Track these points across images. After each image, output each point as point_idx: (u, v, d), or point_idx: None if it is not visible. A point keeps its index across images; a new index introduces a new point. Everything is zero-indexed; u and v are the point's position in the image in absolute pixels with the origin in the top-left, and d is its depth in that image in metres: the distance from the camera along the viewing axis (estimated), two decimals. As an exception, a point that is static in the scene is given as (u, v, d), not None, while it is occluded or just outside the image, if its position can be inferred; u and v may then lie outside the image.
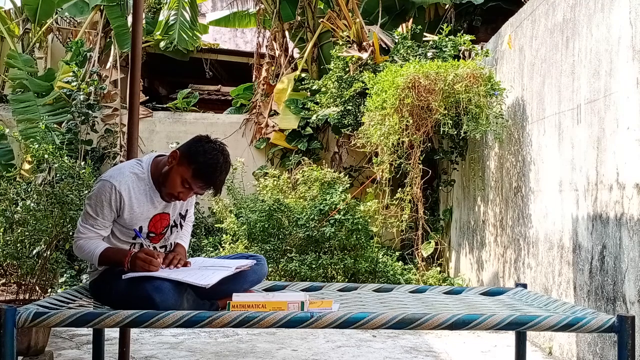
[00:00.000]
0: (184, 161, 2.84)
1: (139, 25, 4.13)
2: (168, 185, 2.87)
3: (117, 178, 2.87)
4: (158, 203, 2.95)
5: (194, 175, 2.82)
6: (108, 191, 2.84)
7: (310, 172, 7.25)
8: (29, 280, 4.79)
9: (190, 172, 2.82)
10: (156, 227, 2.98)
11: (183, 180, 2.84)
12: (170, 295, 2.67)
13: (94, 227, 2.88)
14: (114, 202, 2.85)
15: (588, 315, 2.55)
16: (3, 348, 2.30)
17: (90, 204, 2.88)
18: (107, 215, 2.86)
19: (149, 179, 2.92)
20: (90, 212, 2.87)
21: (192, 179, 2.83)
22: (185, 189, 2.86)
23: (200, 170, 2.82)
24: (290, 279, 6.45)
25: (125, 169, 2.94)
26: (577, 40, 4.56)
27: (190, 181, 2.84)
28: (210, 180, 2.85)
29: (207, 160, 2.81)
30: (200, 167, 2.81)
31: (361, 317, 2.41)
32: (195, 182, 2.84)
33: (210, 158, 2.82)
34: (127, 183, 2.87)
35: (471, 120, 6.08)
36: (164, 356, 4.75)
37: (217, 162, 2.83)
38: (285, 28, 10.38)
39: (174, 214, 3.04)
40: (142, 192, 2.90)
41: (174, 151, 2.89)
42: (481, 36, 8.35)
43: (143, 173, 2.93)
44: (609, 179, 3.98)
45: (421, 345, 5.17)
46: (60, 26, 11.21)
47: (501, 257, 6.10)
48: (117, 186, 2.84)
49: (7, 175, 6.78)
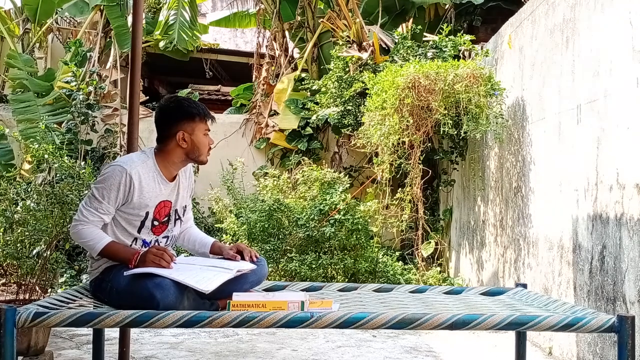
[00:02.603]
0: (191, 125, 3.03)
1: (139, 25, 4.13)
2: (202, 149, 3.07)
3: (128, 163, 2.97)
4: (164, 189, 3.05)
5: (204, 120, 3.07)
6: (119, 175, 2.91)
7: (310, 172, 7.25)
8: (29, 280, 4.79)
9: (201, 122, 3.06)
10: (160, 214, 3.06)
11: (205, 134, 3.07)
12: (171, 293, 2.68)
13: (97, 210, 2.91)
14: (123, 185, 2.91)
15: (588, 315, 2.55)
16: (3, 348, 2.30)
17: (97, 187, 2.93)
18: (113, 200, 2.91)
19: (155, 165, 3.03)
20: (97, 195, 2.91)
21: (205, 124, 3.08)
22: (207, 136, 3.09)
23: (203, 113, 3.07)
24: (290, 279, 6.45)
25: (133, 157, 3.09)
26: (577, 40, 4.56)
27: (207, 127, 3.09)
28: (205, 110, 3.11)
29: (194, 105, 3.09)
30: (201, 112, 3.07)
31: (361, 317, 2.41)
32: (205, 122, 3.08)
33: (193, 102, 3.11)
34: (137, 168, 2.97)
35: (471, 120, 6.08)
36: (164, 356, 4.75)
37: (188, 98, 3.16)
38: (285, 28, 10.39)
39: (176, 203, 3.12)
40: (151, 177, 3.00)
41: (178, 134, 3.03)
42: (481, 36, 8.35)
43: (149, 159, 3.04)
44: (609, 179, 3.98)
45: (421, 345, 5.17)
46: (60, 26, 11.22)
47: (501, 257, 6.10)
48: (128, 170, 2.93)
49: (7, 175, 6.77)
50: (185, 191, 3.17)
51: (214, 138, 3.23)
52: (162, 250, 2.87)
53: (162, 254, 2.83)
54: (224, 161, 8.73)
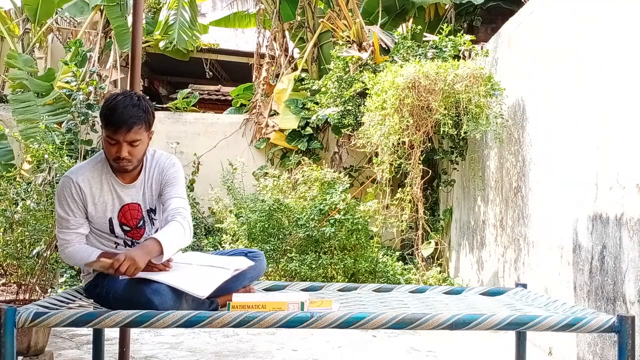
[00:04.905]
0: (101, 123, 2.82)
1: (139, 25, 4.12)
2: (107, 155, 2.84)
3: (75, 172, 2.88)
4: (123, 192, 2.91)
5: (104, 126, 2.78)
6: (67, 186, 2.84)
7: (310, 172, 7.25)
8: (29, 280, 4.79)
9: (104, 127, 2.78)
10: (127, 219, 2.93)
11: (107, 140, 2.79)
12: (169, 298, 2.66)
13: (69, 228, 2.85)
14: (75, 195, 2.83)
15: (588, 315, 2.55)
16: (3, 348, 2.30)
17: (58, 205, 2.87)
18: (76, 212, 2.84)
19: (106, 167, 2.89)
20: (61, 213, 2.85)
21: (107, 130, 2.77)
22: (113, 145, 2.79)
23: (104, 118, 2.77)
24: (290, 279, 6.45)
25: (83, 163, 2.96)
26: (577, 39, 4.56)
27: (108, 134, 2.77)
28: (113, 120, 2.73)
29: (105, 108, 2.78)
30: (103, 116, 2.78)
31: (361, 317, 2.40)
32: (109, 131, 2.75)
33: (107, 105, 2.78)
34: (85, 174, 2.87)
35: (471, 120, 6.08)
36: (164, 356, 4.75)
37: (115, 100, 2.78)
38: (285, 28, 10.39)
39: (145, 204, 2.97)
40: (103, 180, 2.89)
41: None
42: (481, 36, 8.35)
43: (99, 162, 2.91)
44: (609, 179, 3.98)
45: (421, 345, 5.17)
46: (60, 26, 11.22)
47: (501, 257, 6.10)
48: (74, 179, 2.84)
49: (7, 175, 6.78)
50: (154, 191, 2.98)
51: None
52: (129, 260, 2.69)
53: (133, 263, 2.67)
54: (224, 161, 8.73)
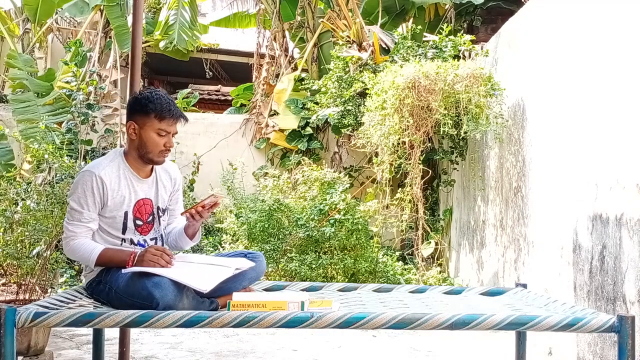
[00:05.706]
0: (143, 120, 2.96)
1: (139, 25, 4.13)
2: (150, 147, 2.98)
3: (96, 167, 2.95)
4: (139, 187, 3.02)
5: (159, 118, 2.95)
6: (89, 180, 2.90)
7: (310, 172, 7.25)
8: (29, 280, 4.79)
9: (157, 119, 2.95)
10: (141, 213, 3.02)
11: (157, 132, 2.96)
12: (170, 291, 2.67)
13: (81, 221, 2.89)
14: (96, 189, 2.89)
15: (588, 315, 2.55)
16: (3, 348, 2.30)
17: (73, 198, 2.91)
18: (92, 207, 2.90)
19: (124, 162, 3.01)
20: (75, 206, 2.89)
21: (160, 123, 2.95)
22: (163, 136, 2.98)
23: (160, 111, 2.94)
24: (290, 279, 6.45)
25: (100, 159, 3.05)
26: (577, 39, 4.56)
27: (162, 126, 2.96)
28: (172, 112, 2.97)
29: (156, 101, 2.95)
30: (158, 109, 2.94)
31: (361, 317, 2.40)
32: (164, 123, 2.96)
33: (157, 98, 2.96)
34: (106, 169, 2.95)
35: (471, 120, 6.08)
36: (164, 356, 4.75)
37: (163, 97, 2.99)
38: (285, 28, 10.39)
39: (157, 200, 3.09)
40: (122, 175, 2.98)
41: (128, 124, 3.00)
42: (481, 36, 8.35)
43: (117, 157, 3.02)
44: (609, 179, 3.98)
45: (421, 345, 5.17)
46: (60, 26, 11.22)
47: (501, 257, 6.10)
48: (97, 172, 2.91)
49: (7, 175, 6.78)
50: (164, 191, 3.12)
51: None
52: (160, 250, 2.86)
53: (161, 253, 2.83)
54: (224, 161, 8.73)
